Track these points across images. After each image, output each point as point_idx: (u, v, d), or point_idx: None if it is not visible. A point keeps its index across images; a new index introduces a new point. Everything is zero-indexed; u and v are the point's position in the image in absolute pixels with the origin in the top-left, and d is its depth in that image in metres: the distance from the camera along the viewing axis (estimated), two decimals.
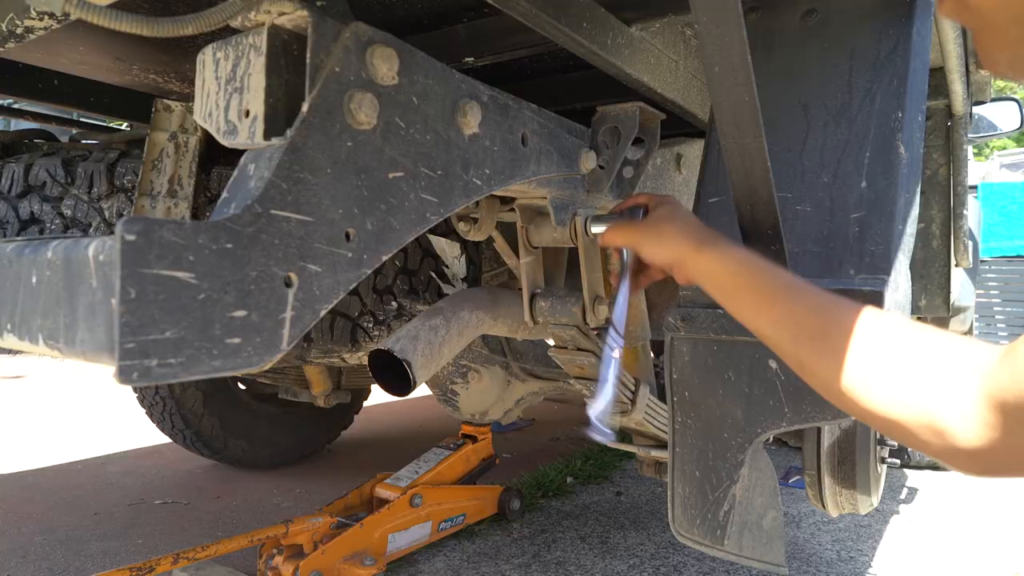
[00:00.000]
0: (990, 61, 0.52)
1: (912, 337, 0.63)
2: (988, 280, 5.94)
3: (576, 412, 4.62)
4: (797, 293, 0.72)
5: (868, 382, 0.62)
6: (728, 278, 0.77)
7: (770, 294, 0.73)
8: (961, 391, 0.56)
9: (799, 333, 0.69)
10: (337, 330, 1.63)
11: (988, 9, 0.49)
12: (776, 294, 0.73)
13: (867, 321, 0.65)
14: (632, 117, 1.16)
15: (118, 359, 0.52)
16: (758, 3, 1.16)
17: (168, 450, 3.64)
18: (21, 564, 2.35)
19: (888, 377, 0.61)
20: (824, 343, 0.67)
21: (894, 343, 0.63)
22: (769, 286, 0.74)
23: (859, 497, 1.71)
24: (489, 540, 2.60)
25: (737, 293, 0.77)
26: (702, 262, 0.80)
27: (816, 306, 0.70)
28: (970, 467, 0.57)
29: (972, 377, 0.56)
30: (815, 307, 0.69)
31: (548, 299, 1.26)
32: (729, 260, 0.78)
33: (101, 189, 1.52)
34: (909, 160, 0.98)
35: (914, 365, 0.60)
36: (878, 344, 0.63)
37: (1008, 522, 2.87)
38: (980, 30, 0.52)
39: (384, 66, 0.72)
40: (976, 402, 0.55)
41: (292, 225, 0.65)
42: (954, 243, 2.07)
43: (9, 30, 0.85)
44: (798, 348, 0.69)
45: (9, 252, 0.66)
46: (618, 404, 1.53)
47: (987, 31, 0.51)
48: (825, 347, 0.66)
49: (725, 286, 0.78)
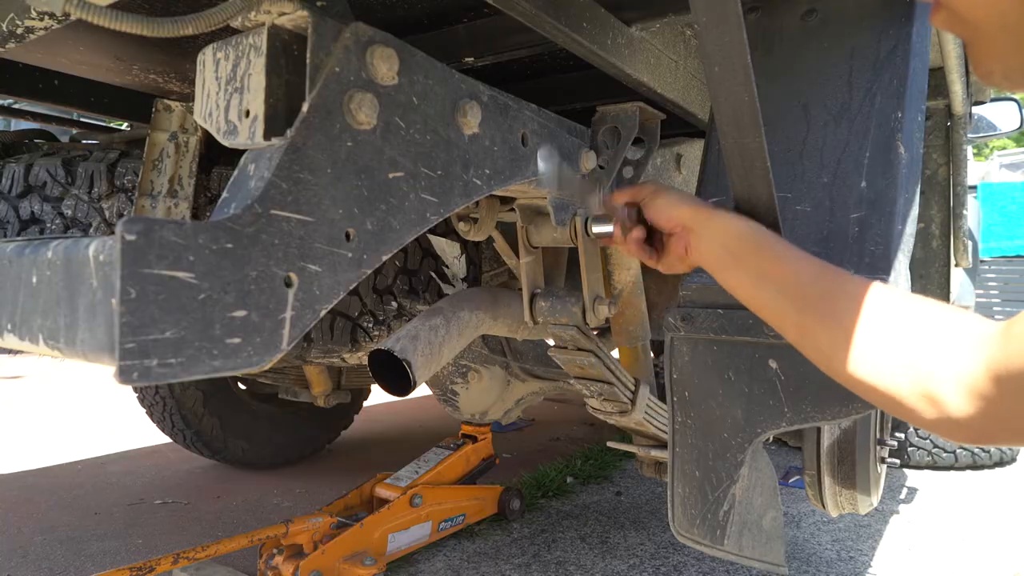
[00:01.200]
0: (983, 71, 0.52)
1: (912, 308, 0.64)
2: (988, 280, 5.94)
3: (576, 412, 4.62)
4: (804, 260, 0.73)
5: (868, 349, 0.64)
6: (736, 241, 0.78)
7: (776, 258, 0.74)
8: (957, 361, 0.58)
9: (802, 297, 0.70)
10: (337, 330, 1.63)
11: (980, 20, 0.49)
12: (781, 260, 0.74)
13: (870, 291, 0.66)
14: (632, 117, 1.16)
15: (118, 359, 0.52)
16: (758, 3, 1.16)
17: (168, 450, 3.64)
18: (21, 564, 2.35)
19: (887, 345, 0.63)
20: (827, 308, 0.68)
21: (895, 313, 0.64)
22: (776, 250, 0.75)
23: (859, 497, 1.71)
24: (489, 540, 2.60)
25: (743, 257, 0.77)
26: (713, 223, 0.81)
27: (821, 274, 0.71)
28: (962, 434, 0.59)
29: (969, 349, 0.58)
30: (820, 275, 0.71)
31: (548, 299, 1.26)
32: (740, 224, 0.79)
33: (101, 189, 1.52)
34: (909, 160, 0.98)
35: (913, 335, 0.62)
36: (879, 313, 0.65)
37: (1008, 522, 2.87)
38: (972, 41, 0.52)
39: (384, 66, 0.72)
40: (971, 372, 0.57)
41: (292, 225, 0.65)
42: (954, 243, 2.07)
43: (9, 30, 0.85)
44: (800, 312, 0.70)
45: (9, 252, 0.66)
46: (616, 404, 1.53)
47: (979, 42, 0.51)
48: (828, 313, 0.68)
49: (732, 250, 0.79)
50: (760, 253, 0.76)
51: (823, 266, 0.72)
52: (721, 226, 0.81)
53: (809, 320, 0.70)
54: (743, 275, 0.78)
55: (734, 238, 0.79)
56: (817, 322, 0.69)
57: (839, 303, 0.67)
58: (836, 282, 0.70)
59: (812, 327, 0.69)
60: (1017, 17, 0.47)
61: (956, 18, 0.51)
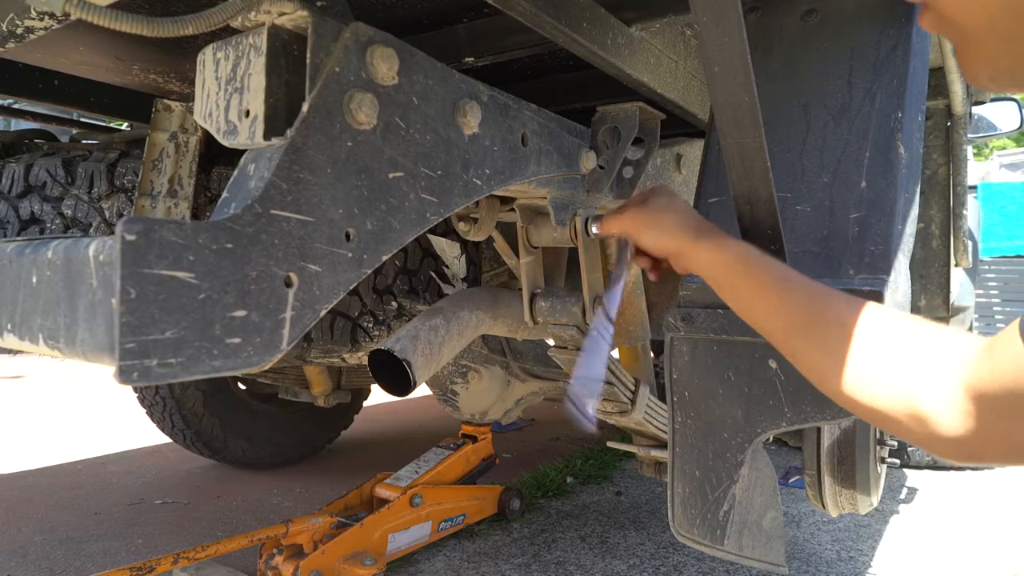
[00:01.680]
0: (971, 74, 0.53)
1: (899, 328, 0.65)
2: (988, 280, 5.94)
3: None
4: (790, 285, 0.74)
5: (856, 371, 0.65)
6: (724, 270, 0.79)
7: (763, 286, 0.75)
8: (943, 380, 0.59)
9: (790, 324, 0.72)
10: (337, 330, 1.63)
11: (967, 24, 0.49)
12: (769, 286, 0.74)
13: (856, 313, 0.67)
14: (632, 117, 1.16)
15: (118, 359, 0.52)
16: (758, 3, 1.16)
17: (168, 450, 3.64)
18: (21, 564, 2.35)
19: (874, 366, 0.64)
20: (815, 334, 0.69)
21: (881, 334, 0.65)
22: (763, 278, 0.75)
23: (859, 497, 1.71)
24: (489, 540, 2.60)
25: (733, 284, 0.78)
26: (700, 253, 0.82)
27: (808, 298, 0.72)
28: (950, 453, 0.60)
29: (954, 368, 0.59)
30: (807, 299, 0.72)
31: (548, 299, 1.26)
32: (726, 252, 0.80)
33: (101, 189, 1.52)
34: (909, 160, 0.98)
35: (899, 355, 0.63)
36: (866, 335, 0.66)
37: (1008, 522, 2.87)
38: (960, 44, 0.52)
39: (384, 66, 0.72)
40: (957, 391, 0.58)
41: (292, 225, 0.65)
42: (954, 243, 2.07)
43: (9, 30, 0.85)
44: (789, 338, 0.72)
45: (9, 252, 0.66)
46: (616, 404, 1.53)
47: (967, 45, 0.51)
48: (815, 338, 0.69)
49: (721, 278, 0.80)
50: (749, 281, 0.77)
51: (810, 290, 0.73)
52: (706, 259, 0.82)
53: (799, 346, 0.71)
54: (732, 302, 0.80)
55: (720, 267, 0.80)
56: (807, 348, 0.70)
57: (827, 329, 0.68)
58: (824, 306, 0.70)
59: (802, 352, 0.71)
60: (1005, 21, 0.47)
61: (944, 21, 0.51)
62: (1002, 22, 0.47)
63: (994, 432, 0.55)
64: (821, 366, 0.68)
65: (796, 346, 0.71)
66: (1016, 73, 0.50)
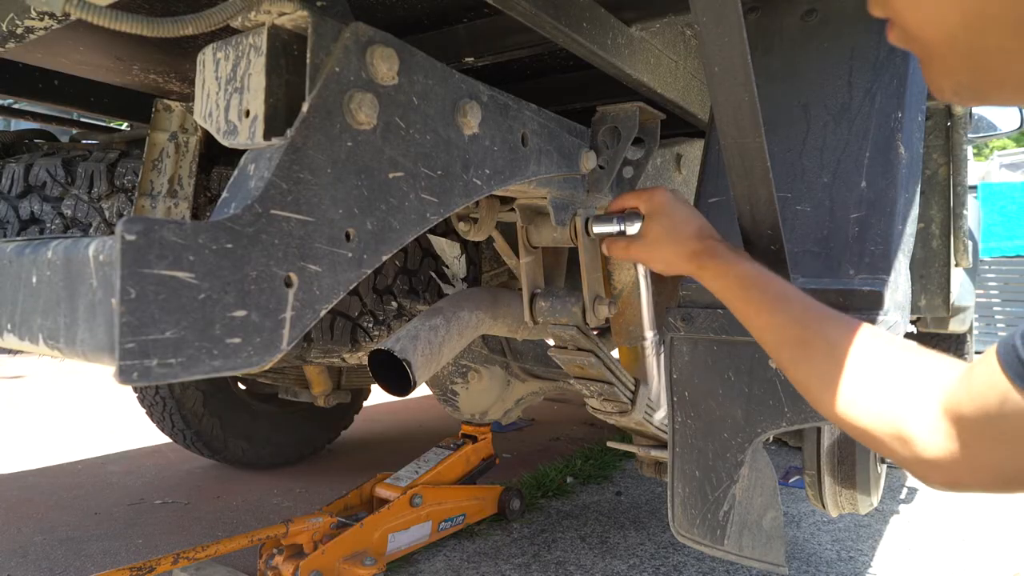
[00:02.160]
0: (936, 88, 0.54)
1: (886, 352, 0.68)
2: (988, 280, 5.94)
3: (576, 412, 4.62)
4: (784, 305, 0.77)
5: (842, 393, 0.68)
6: (723, 293, 0.83)
7: (757, 306, 0.79)
8: (926, 403, 0.61)
9: (780, 343, 0.76)
10: (337, 330, 1.63)
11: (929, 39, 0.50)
12: (763, 306, 0.78)
13: (846, 335, 0.70)
14: (632, 117, 1.16)
15: (118, 359, 0.52)
16: (758, 3, 1.16)
17: (168, 450, 3.64)
18: (21, 564, 2.35)
19: (862, 389, 0.67)
20: (803, 354, 0.73)
21: (867, 357, 0.68)
22: (758, 299, 0.79)
23: (859, 497, 1.71)
24: (489, 540, 2.60)
25: (732, 305, 0.83)
26: (704, 281, 0.87)
27: (799, 318, 0.75)
28: (936, 477, 0.61)
29: (936, 392, 0.61)
30: (798, 319, 0.75)
31: (548, 299, 1.26)
32: (726, 276, 0.83)
33: (101, 189, 1.52)
34: (909, 160, 0.98)
35: (886, 378, 0.66)
36: (852, 358, 0.69)
37: (1008, 522, 2.87)
38: (924, 58, 0.53)
39: (384, 66, 0.72)
40: (938, 414, 0.60)
41: (292, 225, 0.65)
42: (954, 243, 2.07)
43: (9, 30, 0.85)
44: (779, 356, 0.76)
45: (9, 252, 0.66)
46: (616, 404, 1.53)
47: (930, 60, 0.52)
48: (803, 358, 0.73)
49: (726, 301, 0.84)
50: (747, 301, 0.80)
51: (804, 309, 0.75)
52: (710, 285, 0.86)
53: (789, 364, 0.74)
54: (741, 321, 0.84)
55: (723, 292, 0.84)
56: (799, 367, 0.73)
57: (818, 351, 0.71)
58: (816, 327, 0.73)
59: (794, 370, 0.74)
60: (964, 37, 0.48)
61: (908, 36, 0.52)
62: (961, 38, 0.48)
63: (975, 456, 0.57)
64: (810, 387, 0.72)
65: (785, 366, 0.75)
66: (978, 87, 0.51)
